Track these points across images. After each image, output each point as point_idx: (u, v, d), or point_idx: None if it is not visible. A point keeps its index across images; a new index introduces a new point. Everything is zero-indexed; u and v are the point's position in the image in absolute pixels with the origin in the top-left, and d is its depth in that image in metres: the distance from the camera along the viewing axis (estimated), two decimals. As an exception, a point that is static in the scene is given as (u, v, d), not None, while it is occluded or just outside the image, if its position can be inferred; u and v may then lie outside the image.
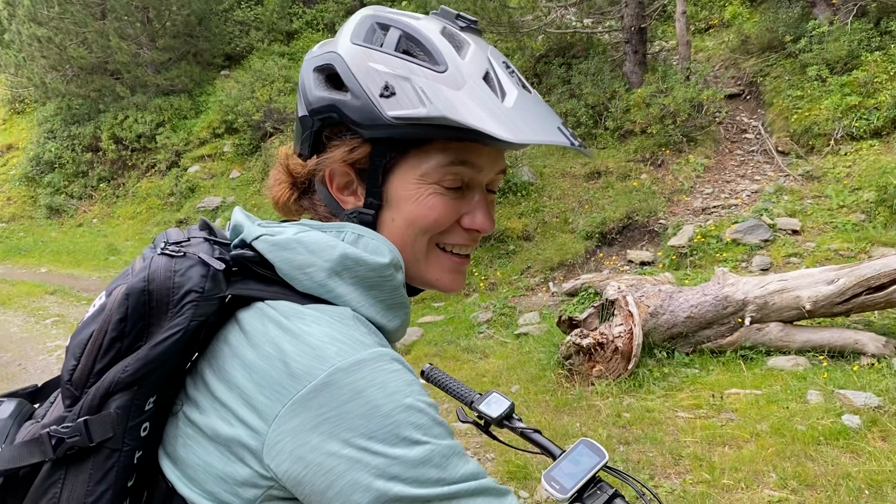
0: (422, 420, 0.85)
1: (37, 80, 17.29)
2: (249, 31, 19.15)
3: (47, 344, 8.56)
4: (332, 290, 0.95)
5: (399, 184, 1.01)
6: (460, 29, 1.03)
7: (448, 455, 0.86)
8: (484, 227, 1.04)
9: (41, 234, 16.86)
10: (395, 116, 0.94)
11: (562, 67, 11.90)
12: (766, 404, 4.69)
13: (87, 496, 0.89)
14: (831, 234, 7.41)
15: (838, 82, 9.12)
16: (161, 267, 0.92)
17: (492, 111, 0.93)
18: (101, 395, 0.89)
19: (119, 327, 0.90)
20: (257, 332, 0.91)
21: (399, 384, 0.86)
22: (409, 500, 0.82)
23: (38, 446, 0.90)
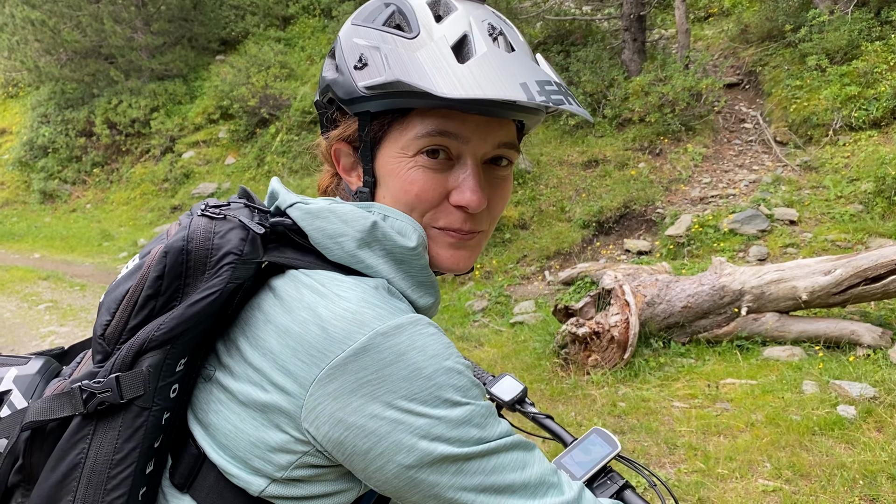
0: (461, 382, 0.87)
1: (30, 63, 17.16)
2: (245, 15, 19.02)
3: (40, 329, 8.51)
4: (362, 260, 0.94)
5: (384, 159, 1.00)
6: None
7: (486, 415, 0.88)
8: (469, 202, 0.97)
9: (34, 220, 16.79)
10: (365, 86, 0.95)
11: (560, 55, 11.83)
12: (762, 394, 4.67)
13: (115, 453, 0.89)
14: (829, 224, 7.38)
15: (838, 72, 9.08)
16: (201, 227, 0.92)
17: (441, 69, 0.90)
18: (133, 352, 0.89)
19: (155, 285, 0.90)
20: (292, 297, 0.91)
21: (438, 347, 0.87)
22: (452, 458, 0.85)
23: (68, 400, 0.90)
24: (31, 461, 0.94)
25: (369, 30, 0.99)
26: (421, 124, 0.96)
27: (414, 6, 0.99)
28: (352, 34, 1.01)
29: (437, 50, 0.93)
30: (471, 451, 0.85)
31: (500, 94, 0.88)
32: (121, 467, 0.89)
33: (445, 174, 0.99)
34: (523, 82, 0.90)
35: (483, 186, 0.99)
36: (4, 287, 11.11)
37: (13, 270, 12.37)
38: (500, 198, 1.05)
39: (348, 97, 0.98)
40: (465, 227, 1.01)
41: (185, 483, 0.95)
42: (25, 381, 1.03)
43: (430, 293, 1.01)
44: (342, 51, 1.01)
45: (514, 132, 1.03)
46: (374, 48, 0.96)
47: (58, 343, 7.85)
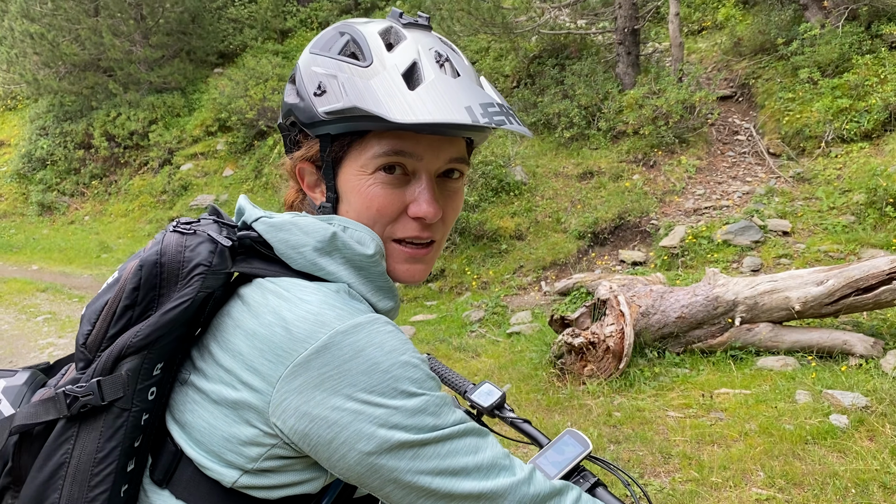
0: (417, 374, 0.93)
1: (29, 76, 17.22)
2: (243, 28, 19.12)
3: (38, 341, 8.54)
4: (323, 267, 1.02)
5: (345, 177, 1.08)
6: (404, 26, 1.09)
7: (440, 404, 0.94)
8: (426, 214, 1.06)
9: (33, 232, 16.80)
10: (325, 111, 1.02)
11: (555, 68, 11.93)
12: (755, 404, 4.72)
13: (98, 452, 0.96)
14: (821, 235, 7.46)
15: (829, 85, 9.18)
16: (173, 242, 1.00)
17: (393, 96, 0.98)
18: (113, 357, 0.96)
19: (132, 296, 0.98)
20: (258, 303, 0.98)
21: (395, 343, 0.94)
22: (409, 444, 0.91)
23: (53, 404, 0.97)
24: (19, 463, 1.01)
25: (326, 59, 1.06)
26: (378, 145, 1.04)
27: (366, 35, 1.07)
28: (310, 62, 1.08)
29: (389, 78, 1.00)
30: (426, 438, 0.92)
31: (448, 118, 0.96)
32: (103, 465, 0.96)
33: (402, 189, 1.06)
34: (468, 105, 0.98)
35: (438, 198, 1.08)
36: (3, 299, 11.12)
37: (11, 282, 12.38)
38: (453, 209, 1.13)
39: (309, 121, 1.05)
40: (423, 234, 1.09)
41: (164, 479, 1.02)
42: (13, 391, 1.10)
43: (388, 297, 1.09)
44: (302, 78, 1.08)
45: (463, 147, 1.12)
46: (332, 76, 1.03)
47: (56, 355, 7.88)
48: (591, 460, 1.37)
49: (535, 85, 12.07)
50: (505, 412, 1.54)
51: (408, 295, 9.23)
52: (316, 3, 18.91)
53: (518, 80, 12.46)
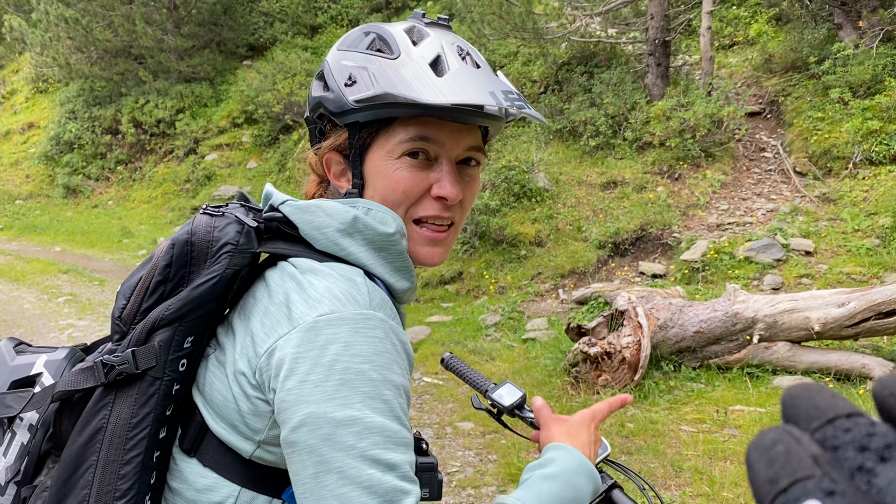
0: (366, 389, 0.94)
1: (61, 60, 17.45)
2: (274, 22, 19.24)
3: (59, 322, 8.65)
4: (344, 248, 1.08)
5: (372, 163, 1.14)
6: (426, 25, 1.18)
7: (373, 431, 0.92)
8: (449, 194, 1.12)
9: (57, 213, 17.01)
10: (356, 100, 1.09)
11: (583, 76, 11.91)
12: (770, 422, 4.69)
13: (132, 417, 1.02)
14: (845, 257, 7.39)
15: (860, 106, 9.09)
16: (202, 223, 1.08)
17: (423, 82, 1.05)
18: (147, 329, 1.04)
19: (164, 272, 1.06)
20: (276, 284, 1.05)
21: (365, 349, 0.96)
22: (312, 451, 0.92)
23: (91, 373, 1.04)
24: (60, 429, 1.10)
25: (355, 53, 1.14)
26: (404, 131, 1.11)
27: (393, 33, 1.14)
28: (340, 58, 1.15)
29: (417, 67, 1.08)
30: (332, 455, 0.90)
31: (475, 100, 1.04)
32: (137, 430, 1.02)
33: (426, 172, 1.13)
34: (491, 91, 1.07)
35: (459, 182, 1.15)
36: (25, 278, 11.28)
37: (34, 262, 12.55)
38: (471, 193, 1.20)
39: (339, 110, 1.12)
40: (444, 214, 1.15)
41: (193, 448, 1.08)
42: (54, 364, 1.17)
43: (406, 278, 1.14)
44: (331, 71, 1.15)
45: (480, 137, 1.20)
46: (362, 68, 1.10)
47: (76, 336, 7.97)
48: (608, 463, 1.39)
49: (563, 91, 12.05)
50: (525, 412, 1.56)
51: (424, 296, 9.25)
52: (347, 1, 19.00)
53: (545, 86, 12.45)
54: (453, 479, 4.47)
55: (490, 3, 10.95)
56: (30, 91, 21.72)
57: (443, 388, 6.01)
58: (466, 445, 4.93)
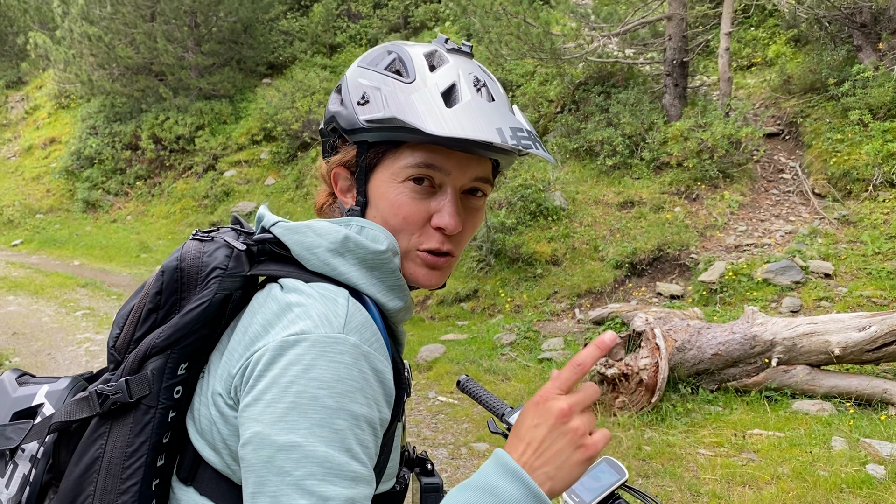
0: (316, 416, 0.89)
1: (84, 76, 17.72)
2: (293, 41, 19.46)
3: (76, 336, 8.71)
4: (336, 267, 1.06)
5: (376, 183, 1.13)
6: (448, 51, 1.16)
7: (313, 461, 0.87)
8: (448, 224, 1.10)
9: (76, 228, 17.19)
10: (366, 119, 1.09)
11: (600, 96, 11.93)
12: (789, 447, 4.64)
13: (128, 447, 1.02)
14: (865, 280, 7.32)
15: (880, 128, 9.04)
16: (192, 249, 1.08)
17: (431, 112, 1.04)
18: (139, 358, 1.04)
19: (155, 300, 1.06)
20: (260, 304, 1.04)
21: (325, 374, 0.92)
22: (253, 469, 0.89)
23: (87, 403, 1.04)
24: (59, 459, 1.09)
25: (372, 72, 1.13)
26: (411, 156, 1.09)
27: (412, 55, 1.13)
28: (357, 75, 1.15)
29: (428, 95, 1.07)
30: (265, 478, 0.87)
31: (479, 136, 1.02)
32: (133, 459, 1.02)
33: (428, 200, 1.11)
34: (499, 128, 1.04)
35: (460, 213, 1.12)
36: (44, 292, 11.38)
37: (53, 276, 12.67)
38: (472, 224, 1.17)
39: (350, 127, 1.11)
40: (443, 247, 1.12)
41: (189, 476, 1.07)
42: (55, 395, 1.17)
43: (399, 297, 1.12)
44: (348, 88, 1.15)
45: (489, 169, 1.17)
46: (376, 88, 1.10)
47: (93, 350, 8.02)
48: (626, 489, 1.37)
49: (580, 111, 12.07)
50: None
51: (440, 314, 9.24)
52: (366, 20, 19.18)
53: (562, 106, 12.47)
54: (468, 499, 4.44)
55: (508, 24, 11.01)
56: (52, 107, 22.04)
57: (458, 408, 5.98)
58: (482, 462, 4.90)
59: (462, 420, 5.75)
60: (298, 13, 20.07)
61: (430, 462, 1.42)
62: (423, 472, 1.40)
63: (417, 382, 6.76)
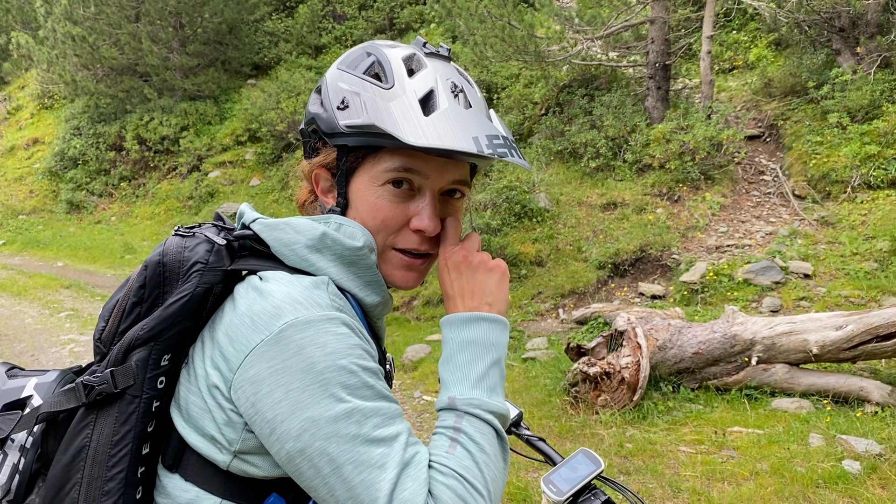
0: (351, 381, 0.98)
1: (68, 77, 17.61)
2: (279, 42, 19.43)
3: (60, 337, 8.68)
4: (313, 263, 1.11)
5: (356, 186, 1.17)
6: (426, 55, 1.19)
7: (368, 415, 0.97)
8: (426, 227, 1.14)
9: (60, 229, 17.08)
10: (346, 125, 1.11)
11: (584, 98, 12.03)
12: (768, 444, 4.72)
13: (114, 435, 1.06)
14: (843, 280, 7.44)
15: (858, 131, 9.18)
16: (173, 244, 1.12)
17: (409, 120, 1.08)
18: (123, 350, 1.08)
19: (139, 293, 1.10)
20: (241, 296, 1.08)
21: (338, 346, 0.99)
22: (322, 451, 0.95)
23: (73, 394, 1.08)
24: (47, 448, 1.13)
25: (352, 76, 1.15)
26: (390, 160, 1.12)
27: (391, 59, 1.16)
28: (337, 78, 1.17)
29: (406, 102, 1.10)
30: (337, 448, 0.95)
31: (455, 146, 1.05)
32: (119, 447, 1.05)
33: (407, 203, 1.15)
34: (475, 136, 1.08)
35: (438, 215, 1.17)
36: (27, 293, 11.32)
37: (37, 277, 12.60)
38: None
39: (330, 131, 1.14)
40: (421, 247, 1.18)
41: (174, 464, 1.11)
42: (44, 387, 1.21)
43: (376, 292, 1.17)
44: (328, 91, 1.16)
45: (467, 171, 1.21)
46: (356, 93, 1.12)
47: (77, 351, 8.00)
48: (602, 480, 1.42)
49: (564, 113, 12.16)
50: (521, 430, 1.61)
51: (426, 314, 9.29)
52: (351, 22, 19.19)
53: (547, 108, 12.56)
54: (452, 497, 4.49)
55: (493, 26, 11.07)
56: (35, 107, 21.89)
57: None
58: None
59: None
60: (283, 14, 20.05)
61: None
62: None
63: (403, 382, 6.81)
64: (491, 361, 1.12)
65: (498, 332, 1.14)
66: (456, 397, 1.07)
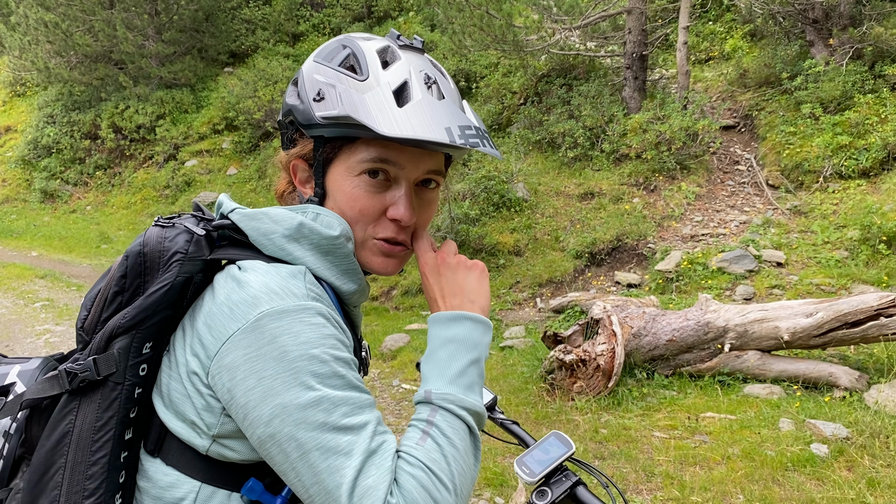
0: (322, 370, 1.00)
1: (40, 64, 17.36)
2: (256, 30, 19.27)
3: (35, 327, 8.61)
4: (291, 252, 1.13)
5: (333, 176, 1.20)
6: (400, 47, 1.21)
7: (338, 404, 0.99)
8: (402, 217, 1.17)
9: (34, 218, 16.87)
10: (322, 116, 1.13)
11: (562, 88, 12.08)
12: (739, 429, 4.82)
13: (97, 421, 1.08)
14: (814, 268, 7.57)
15: (831, 121, 9.33)
16: (154, 234, 1.14)
17: (383, 111, 1.10)
18: (105, 338, 1.10)
19: (120, 283, 1.12)
20: (220, 286, 1.10)
21: (312, 335, 1.02)
22: (291, 437, 0.97)
23: (57, 381, 1.10)
24: (31, 434, 1.15)
25: (327, 68, 1.18)
26: (366, 150, 1.15)
27: (365, 51, 1.18)
28: (313, 70, 1.19)
29: (381, 94, 1.12)
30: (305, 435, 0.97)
31: (429, 136, 1.08)
32: (102, 432, 1.07)
33: (383, 193, 1.18)
34: (448, 127, 1.11)
35: (414, 204, 1.20)
36: (1, 283, 11.19)
37: (10, 267, 12.45)
38: (427, 215, 1.25)
39: (307, 122, 1.16)
40: (398, 236, 1.21)
41: (156, 448, 1.13)
42: (27, 374, 1.23)
43: (353, 280, 1.19)
44: (304, 83, 1.19)
45: (441, 161, 1.24)
46: (331, 85, 1.15)
47: (52, 341, 7.94)
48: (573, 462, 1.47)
49: (542, 103, 12.21)
50: (495, 413, 1.65)
51: (404, 304, 9.32)
52: (329, 10, 19.07)
53: (525, 98, 12.60)
54: (430, 483, 4.55)
55: (471, 15, 11.08)
56: (7, 94, 21.55)
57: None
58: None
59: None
60: (261, 2, 19.88)
61: None
62: None
63: (382, 371, 6.85)
64: (470, 360, 1.15)
65: (480, 332, 1.18)
66: (432, 391, 1.10)
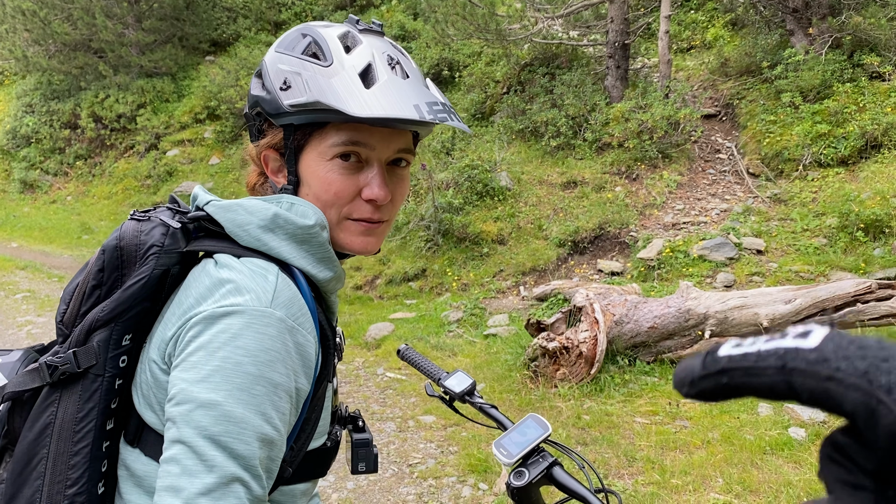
0: (237, 380, 0.97)
1: (18, 52, 17.12)
2: (237, 18, 19.12)
3: (17, 319, 8.56)
4: (266, 243, 1.13)
5: (306, 163, 1.21)
6: (360, 31, 1.23)
7: (230, 420, 0.95)
8: (377, 195, 1.19)
9: (13, 209, 16.70)
10: (290, 104, 1.15)
11: (545, 77, 12.10)
12: (719, 414, 4.90)
13: (78, 412, 1.10)
14: (794, 255, 7.67)
15: (810, 110, 9.42)
16: (130, 228, 1.15)
17: (351, 94, 1.11)
18: (85, 331, 1.12)
19: (98, 277, 1.14)
20: (194, 278, 1.12)
21: (250, 344, 1.00)
22: (175, 423, 0.96)
23: (38, 373, 1.12)
24: (13, 426, 1.17)
25: (291, 57, 1.18)
26: (336, 135, 1.17)
27: (326, 38, 1.20)
28: (276, 60, 1.20)
29: (347, 77, 1.13)
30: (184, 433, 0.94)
31: (399, 114, 1.10)
32: (83, 423, 1.09)
33: (357, 175, 1.19)
34: (416, 104, 1.13)
35: (388, 183, 1.21)
36: (-18, 275, 11.10)
37: (-10, 259, 12.34)
38: (401, 192, 1.26)
39: (275, 112, 1.18)
40: (374, 216, 1.22)
41: (134, 439, 1.14)
42: (8, 366, 1.25)
43: (329, 268, 1.20)
44: (269, 73, 1.20)
45: (410, 140, 1.25)
46: (297, 73, 1.16)
47: (35, 332, 7.90)
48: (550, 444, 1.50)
49: (525, 92, 12.23)
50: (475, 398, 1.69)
51: (388, 293, 9.34)
52: (311, -2, 18.94)
53: (508, 87, 12.62)
54: (415, 470, 4.59)
55: (454, 4, 11.07)
56: (-16, 83, 21.27)
57: (405, 383, 6.12)
58: (428, 438, 5.05)
59: (409, 394, 5.89)
60: (242, -11, 19.72)
61: (361, 419, 1.55)
62: (355, 429, 1.54)
63: (366, 360, 6.88)
64: None
65: None
66: None
